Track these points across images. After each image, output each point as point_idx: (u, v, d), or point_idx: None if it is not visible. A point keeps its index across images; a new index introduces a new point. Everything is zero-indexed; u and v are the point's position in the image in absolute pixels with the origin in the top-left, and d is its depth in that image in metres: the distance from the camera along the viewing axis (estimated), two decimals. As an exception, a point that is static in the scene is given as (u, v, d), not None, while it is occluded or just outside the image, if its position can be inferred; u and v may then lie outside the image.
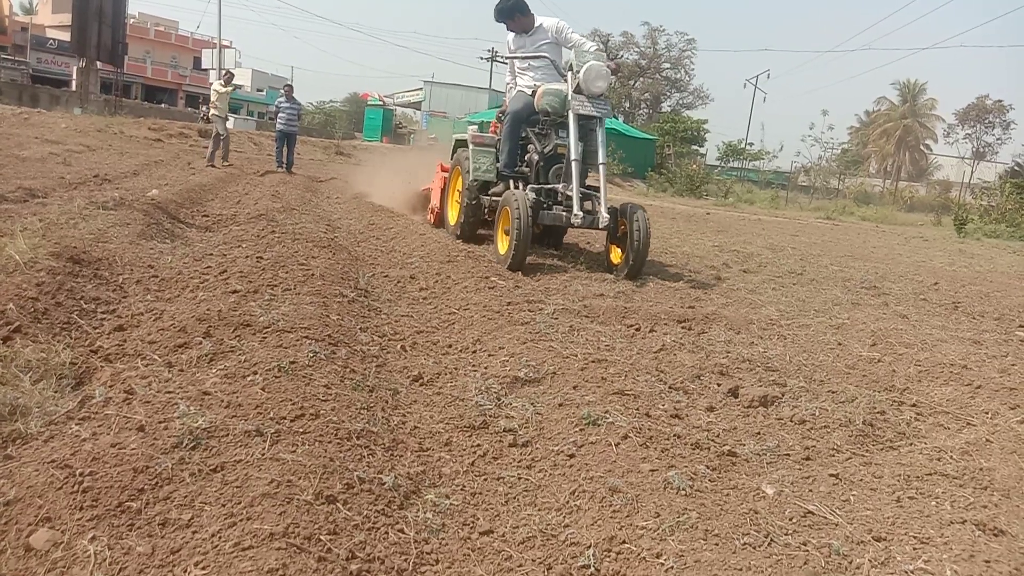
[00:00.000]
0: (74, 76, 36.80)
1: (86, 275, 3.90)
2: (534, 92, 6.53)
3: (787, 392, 3.39)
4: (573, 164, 5.97)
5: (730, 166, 44.78)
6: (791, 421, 3.08)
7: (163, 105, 51.51)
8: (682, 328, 4.39)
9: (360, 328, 3.86)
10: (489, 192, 6.94)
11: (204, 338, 3.10)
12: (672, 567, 1.90)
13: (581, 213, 5.81)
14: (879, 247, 13.73)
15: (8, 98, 30.49)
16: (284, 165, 15.93)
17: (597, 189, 6.26)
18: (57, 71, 49.64)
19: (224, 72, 17.08)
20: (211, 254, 5.04)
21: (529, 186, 6.41)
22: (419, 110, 57.38)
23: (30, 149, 11.28)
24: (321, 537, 1.83)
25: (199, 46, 56.10)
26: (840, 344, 4.47)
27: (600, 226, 5.91)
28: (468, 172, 6.89)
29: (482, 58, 67.58)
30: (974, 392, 3.71)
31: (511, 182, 6.68)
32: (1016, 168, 43.89)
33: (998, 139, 64.89)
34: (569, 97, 6.09)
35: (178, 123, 27.75)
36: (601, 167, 6.21)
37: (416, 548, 1.98)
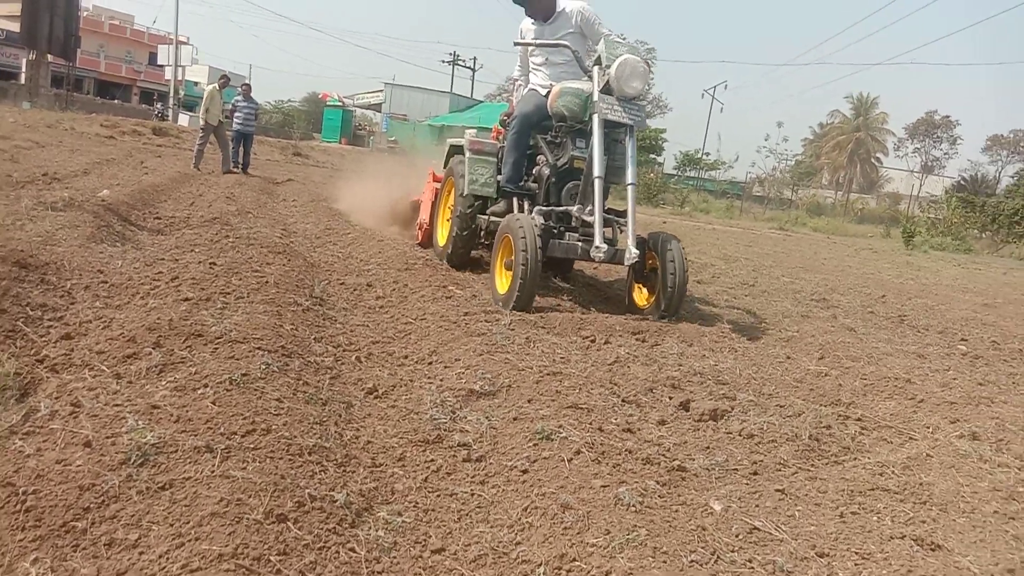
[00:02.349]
0: (23, 68, 35.86)
1: (32, 280, 3.81)
2: (548, 93, 5.45)
3: (736, 406, 3.45)
4: (596, 182, 4.80)
5: (687, 175, 45.38)
6: (740, 435, 3.14)
7: (116, 101, 50.48)
8: (636, 340, 4.44)
9: (314, 338, 3.84)
10: (487, 211, 5.90)
11: (154, 348, 3.05)
12: (621, 585, 1.93)
13: (604, 245, 4.70)
14: (830, 258, 14.04)
15: (-48, 90, 29.64)
16: (240, 166, 15.70)
17: (620, 214, 5.22)
18: (5, 63, 48.31)
19: (220, 78, 15.86)
20: (163, 259, 4.96)
21: (536, 208, 5.31)
22: (379, 112, 57.08)
23: (-25, 145, 10.97)
24: (271, 558, 1.81)
25: (155, 41, 55.07)
26: (789, 357, 4.56)
27: (627, 262, 4.74)
28: (462, 186, 5.87)
29: (444, 62, 67.53)
30: (916, 406, 3.82)
31: (514, 200, 5.66)
32: (962, 182, 45.31)
33: (945, 153, 67.26)
34: (595, 98, 4.90)
35: (132, 120, 27.27)
36: (630, 188, 4.95)
37: (367, 568, 1.98)
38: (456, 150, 6.46)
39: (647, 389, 3.53)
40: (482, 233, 6.02)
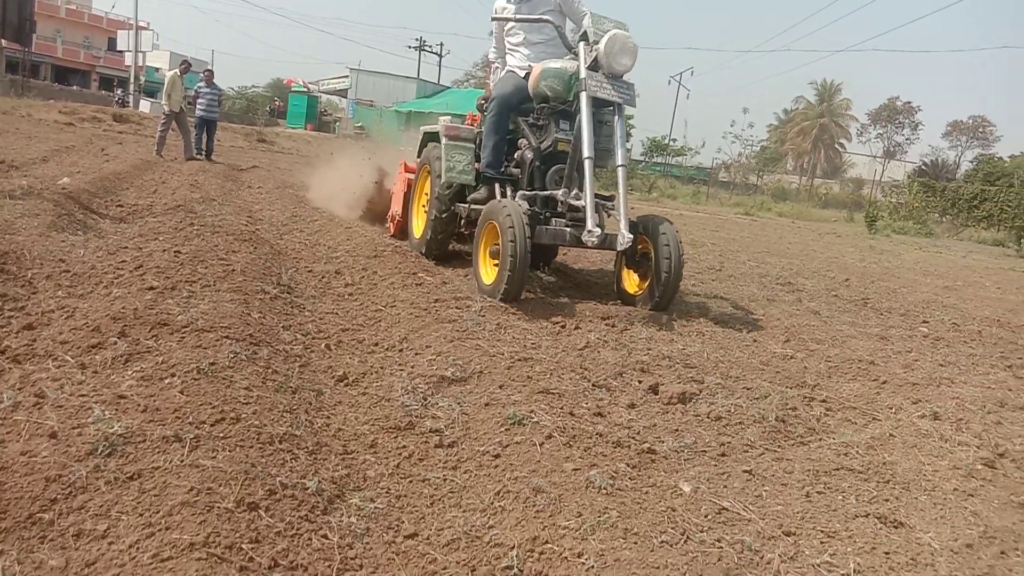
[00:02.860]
0: (-24, 54, 34.89)
1: (-9, 270, 3.73)
2: (527, 74, 5.24)
3: (704, 389, 3.49)
4: (587, 163, 4.58)
5: (654, 161, 45.55)
6: (708, 418, 3.18)
7: (75, 87, 49.37)
8: (606, 325, 4.47)
9: (283, 326, 3.81)
10: (467, 199, 5.60)
11: (119, 338, 3.00)
12: (593, 566, 1.95)
13: (597, 229, 4.53)
14: (794, 243, 14.22)
15: (-98, 75, 28.76)
16: (203, 152, 15.46)
17: (606, 198, 5.05)
18: (-43, 47, 46.97)
19: (182, 63, 15.50)
20: (126, 247, 4.87)
21: (519, 193, 5.10)
22: (345, 98, 56.48)
23: (-72, 132, 10.68)
24: (243, 546, 1.81)
25: (114, 27, 53.82)
26: (755, 341, 4.62)
27: (619, 247, 4.62)
28: (439, 174, 5.59)
29: (410, 47, 66.92)
30: (880, 388, 3.90)
31: (496, 187, 5.38)
32: (923, 167, 46.19)
33: (907, 139, 68.54)
34: (583, 75, 4.67)
35: (91, 107, 26.67)
36: (620, 170, 4.78)
37: (340, 554, 1.98)
38: (431, 137, 6.20)
39: (617, 373, 3.56)
40: (462, 222, 5.77)
